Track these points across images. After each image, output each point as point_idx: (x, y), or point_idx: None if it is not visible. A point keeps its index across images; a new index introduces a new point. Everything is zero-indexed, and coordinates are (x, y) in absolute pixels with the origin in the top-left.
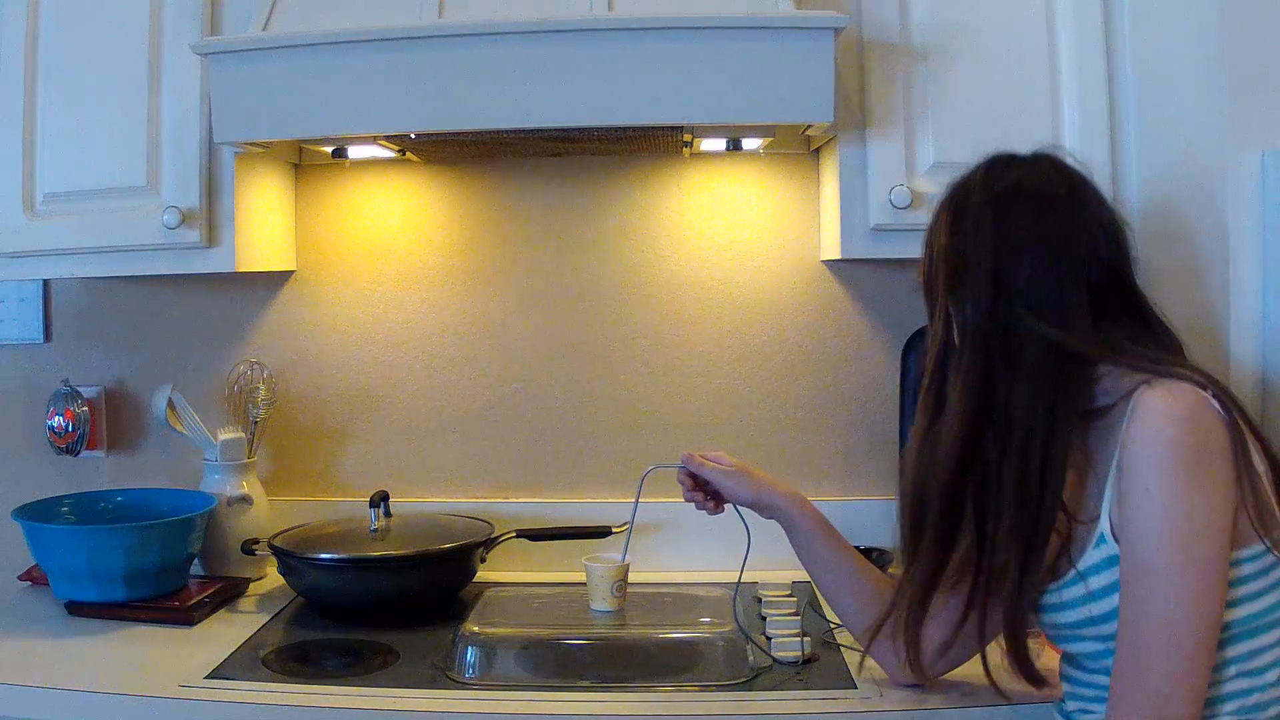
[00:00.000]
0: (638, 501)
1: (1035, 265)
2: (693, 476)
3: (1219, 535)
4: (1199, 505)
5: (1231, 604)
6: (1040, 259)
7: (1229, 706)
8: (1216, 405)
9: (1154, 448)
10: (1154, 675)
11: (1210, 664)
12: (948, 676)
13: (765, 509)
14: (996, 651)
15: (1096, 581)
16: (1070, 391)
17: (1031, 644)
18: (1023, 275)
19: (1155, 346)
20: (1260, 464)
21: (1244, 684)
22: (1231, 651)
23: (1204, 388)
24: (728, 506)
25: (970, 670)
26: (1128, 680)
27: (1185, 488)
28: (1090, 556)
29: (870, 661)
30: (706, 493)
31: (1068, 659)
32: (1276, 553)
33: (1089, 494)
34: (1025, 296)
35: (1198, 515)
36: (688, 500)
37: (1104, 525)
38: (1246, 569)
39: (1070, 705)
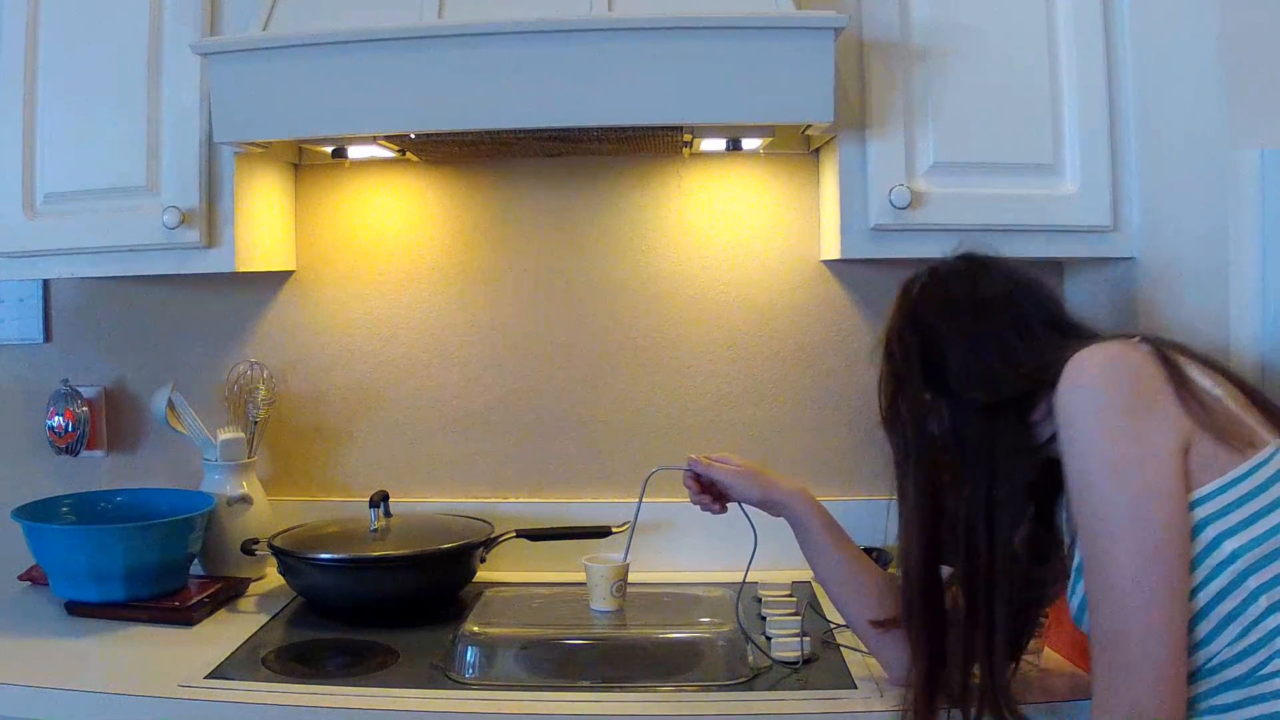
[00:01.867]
0: (640, 502)
1: (961, 362)
2: (698, 479)
3: (1154, 468)
4: (1121, 442)
5: (1235, 530)
6: (962, 349)
7: None
8: (1145, 346)
9: (1071, 402)
10: (1107, 618)
11: (1175, 600)
12: None
13: (773, 507)
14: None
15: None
16: (1007, 440)
17: (1034, 643)
18: (951, 374)
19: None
20: (1220, 388)
21: None
22: (1256, 580)
23: (1130, 337)
24: (732, 506)
25: None
26: (1092, 635)
27: (1103, 428)
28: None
29: (871, 661)
30: (712, 494)
31: None
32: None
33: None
34: (956, 378)
35: (1121, 452)
36: (694, 503)
37: None
38: (1239, 490)
39: None
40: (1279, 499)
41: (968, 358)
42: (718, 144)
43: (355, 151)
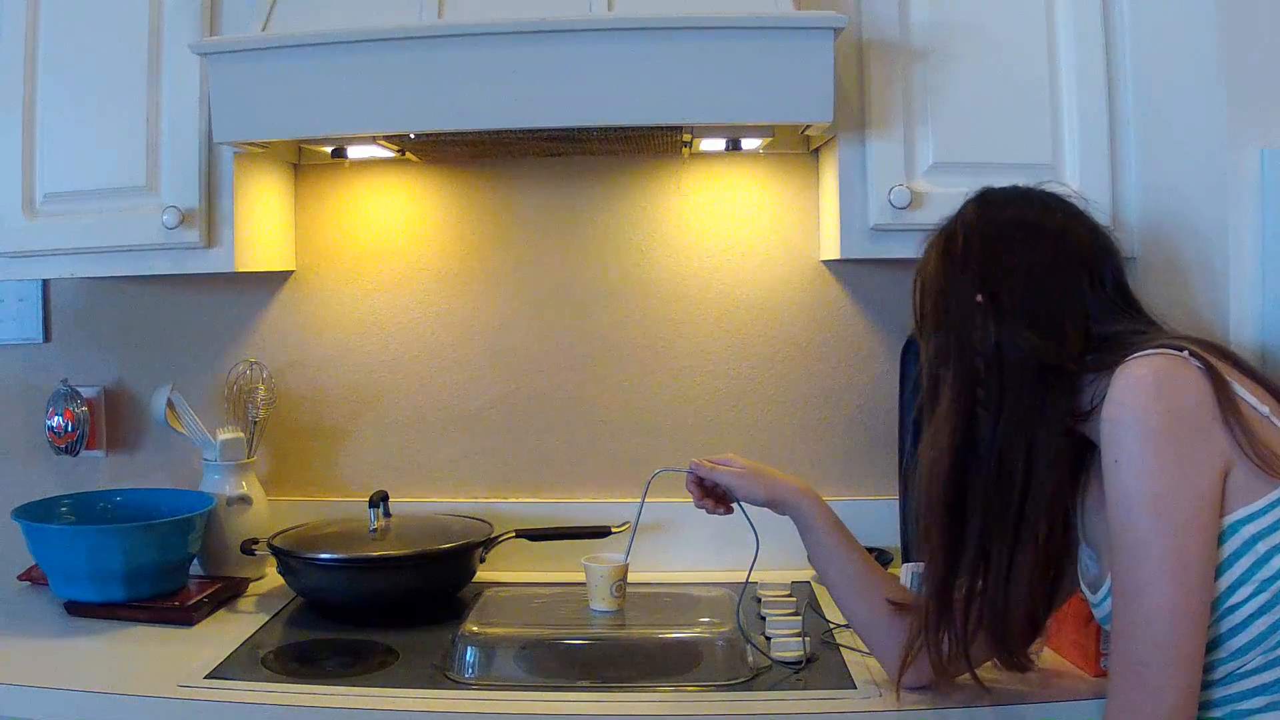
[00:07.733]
0: (643, 503)
1: (1027, 291)
2: (700, 484)
3: (1196, 500)
4: (1168, 470)
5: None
6: (1032, 286)
7: None
8: (1195, 362)
9: (1117, 420)
10: (1135, 645)
11: (1201, 631)
12: None
13: (779, 506)
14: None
15: None
16: (1051, 400)
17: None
18: (1014, 300)
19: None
20: (1265, 403)
21: None
22: None
23: (1180, 350)
24: (735, 508)
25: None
26: (1115, 657)
27: (1151, 455)
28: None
29: (871, 661)
30: (715, 498)
31: None
32: None
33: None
34: (1018, 315)
35: (1167, 481)
36: (698, 507)
37: None
38: (1272, 516)
39: None
40: None
41: (1033, 284)
42: (717, 144)
43: (355, 151)
